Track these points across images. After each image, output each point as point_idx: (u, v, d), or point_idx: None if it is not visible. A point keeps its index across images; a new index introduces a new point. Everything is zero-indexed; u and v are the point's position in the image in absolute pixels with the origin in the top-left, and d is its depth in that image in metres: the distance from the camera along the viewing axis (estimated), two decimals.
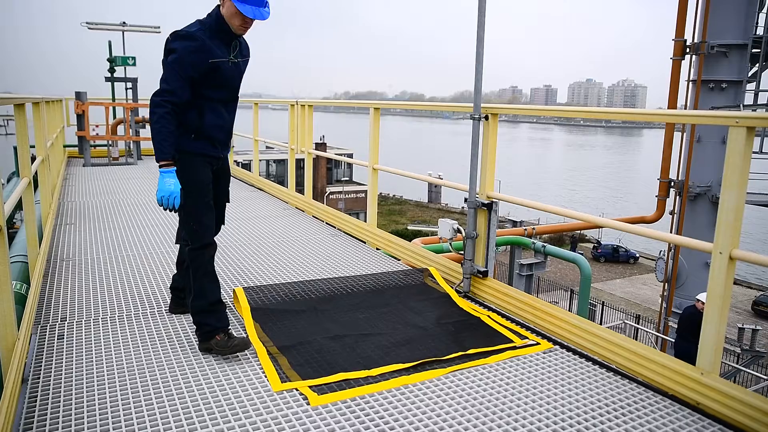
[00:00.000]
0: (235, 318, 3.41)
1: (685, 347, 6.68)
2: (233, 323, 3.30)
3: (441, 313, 3.54)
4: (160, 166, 2.79)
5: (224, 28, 2.90)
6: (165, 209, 2.80)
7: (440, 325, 3.35)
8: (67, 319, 3.32)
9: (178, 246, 3.44)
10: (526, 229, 10.76)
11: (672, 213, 11.46)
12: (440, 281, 4.09)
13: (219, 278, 3.06)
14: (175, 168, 2.82)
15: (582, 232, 35.32)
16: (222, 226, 3.23)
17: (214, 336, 2.86)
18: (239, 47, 3.02)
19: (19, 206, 7.04)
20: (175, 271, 3.46)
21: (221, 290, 3.09)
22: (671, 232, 10.90)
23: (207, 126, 2.94)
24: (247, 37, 3.09)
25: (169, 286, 3.57)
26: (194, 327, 2.96)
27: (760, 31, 10.42)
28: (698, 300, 6.93)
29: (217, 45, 2.88)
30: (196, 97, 2.88)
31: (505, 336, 3.23)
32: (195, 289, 2.93)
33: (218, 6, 2.91)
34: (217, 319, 2.91)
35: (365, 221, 5.52)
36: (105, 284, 3.97)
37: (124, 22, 13.50)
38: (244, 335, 3.13)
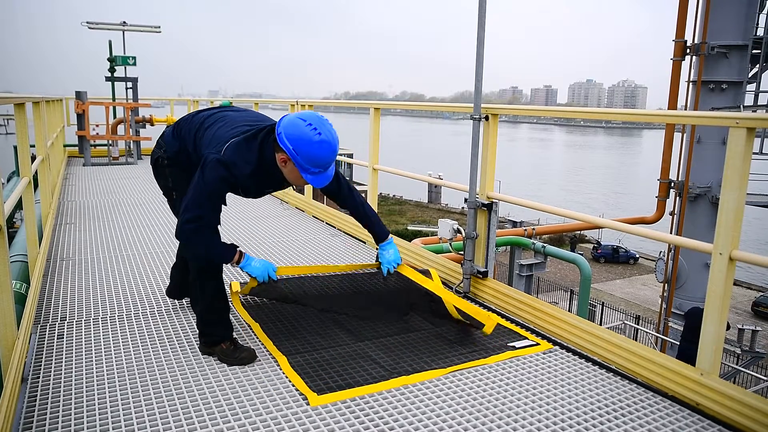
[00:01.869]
0: (234, 316, 3.41)
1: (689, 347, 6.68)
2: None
3: (440, 314, 3.53)
4: (238, 263, 2.76)
5: (275, 174, 2.70)
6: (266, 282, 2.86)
7: (439, 325, 3.34)
8: (67, 318, 3.32)
9: (178, 242, 3.41)
10: (526, 230, 10.75)
11: (672, 214, 11.47)
12: (438, 282, 4.07)
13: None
14: (246, 254, 2.81)
15: (582, 232, 35.29)
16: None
17: (219, 344, 2.83)
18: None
19: (19, 206, 7.04)
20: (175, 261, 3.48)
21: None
22: (671, 232, 10.90)
23: None
24: (247, 37, 3.07)
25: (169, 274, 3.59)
26: (195, 327, 2.95)
27: (760, 32, 10.42)
28: None
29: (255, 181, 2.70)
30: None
31: (505, 337, 3.23)
32: (204, 304, 2.85)
33: (268, 145, 2.63)
34: (224, 327, 2.87)
35: None
36: (105, 284, 3.97)
37: (124, 22, 13.52)
38: (247, 340, 3.13)
